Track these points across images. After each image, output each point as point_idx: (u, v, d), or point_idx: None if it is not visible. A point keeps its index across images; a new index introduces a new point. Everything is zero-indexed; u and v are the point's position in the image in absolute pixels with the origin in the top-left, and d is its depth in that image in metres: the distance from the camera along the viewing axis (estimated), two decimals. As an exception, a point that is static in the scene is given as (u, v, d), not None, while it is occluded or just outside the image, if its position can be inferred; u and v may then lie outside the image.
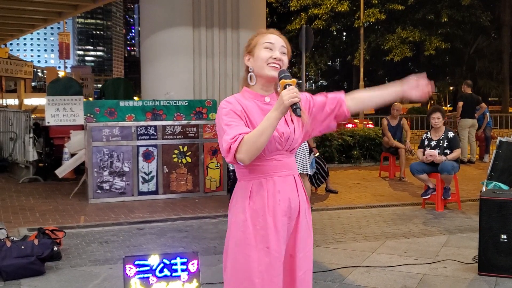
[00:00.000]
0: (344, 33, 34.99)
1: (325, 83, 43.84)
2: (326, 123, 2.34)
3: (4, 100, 29.26)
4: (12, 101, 32.52)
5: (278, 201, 2.20)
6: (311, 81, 45.37)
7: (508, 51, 29.05)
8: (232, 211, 2.28)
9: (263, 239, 2.17)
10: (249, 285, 2.17)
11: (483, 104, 12.32)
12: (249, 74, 2.27)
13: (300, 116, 2.07)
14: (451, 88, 35.17)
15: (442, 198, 6.96)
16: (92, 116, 7.84)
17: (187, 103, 8.25)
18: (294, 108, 2.05)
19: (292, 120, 2.24)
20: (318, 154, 7.61)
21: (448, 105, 36.22)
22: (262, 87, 2.26)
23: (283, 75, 2.13)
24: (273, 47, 2.22)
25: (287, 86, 2.07)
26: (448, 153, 6.95)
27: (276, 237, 2.18)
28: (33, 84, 50.50)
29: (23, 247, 4.40)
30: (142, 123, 7.79)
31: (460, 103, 11.90)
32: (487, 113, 12.54)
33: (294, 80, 2.12)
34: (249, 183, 2.21)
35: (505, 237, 4.28)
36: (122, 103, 8.01)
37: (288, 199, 2.22)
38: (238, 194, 2.26)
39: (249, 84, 2.28)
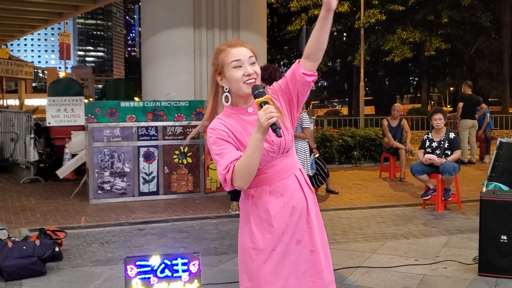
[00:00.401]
0: (345, 34, 35.01)
1: (325, 83, 43.83)
2: (296, 95, 2.25)
3: (4, 100, 29.31)
4: (13, 102, 32.55)
5: (283, 204, 2.21)
6: (312, 82, 45.37)
7: (509, 52, 29.04)
8: (241, 215, 2.32)
9: (270, 242, 2.20)
10: (256, 282, 2.21)
11: (484, 105, 12.33)
12: (224, 95, 2.24)
13: (280, 136, 2.04)
14: (452, 88, 35.20)
15: (443, 199, 6.97)
16: (93, 116, 7.86)
17: (187, 104, 8.26)
18: (274, 128, 2.01)
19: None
20: (318, 155, 7.62)
21: (449, 106, 36.27)
22: (242, 100, 2.25)
23: (256, 92, 2.08)
24: (241, 63, 2.18)
25: (263, 105, 2.02)
26: (449, 154, 6.96)
27: (281, 239, 2.20)
28: (33, 84, 50.53)
29: (24, 247, 4.41)
30: (143, 123, 7.81)
31: (460, 104, 11.91)
32: (487, 114, 12.55)
33: (268, 96, 2.06)
34: (250, 190, 2.23)
35: (505, 238, 4.29)
36: (123, 104, 8.02)
37: (292, 200, 2.23)
38: (243, 204, 2.30)
39: (224, 104, 2.25)
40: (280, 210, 2.21)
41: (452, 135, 7.04)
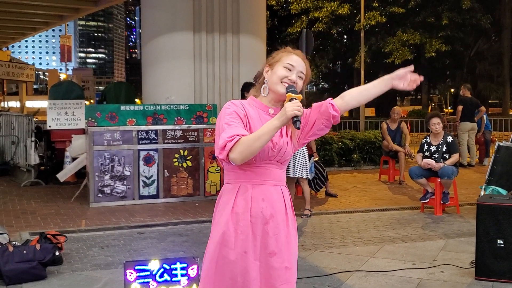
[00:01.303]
0: (345, 36, 35.05)
1: (326, 85, 43.85)
2: (314, 131, 2.33)
3: (5, 102, 29.36)
4: (14, 104, 32.59)
5: (262, 208, 2.24)
6: (312, 84, 45.44)
7: (509, 54, 29.07)
8: (216, 211, 2.33)
9: (242, 243, 2.21)
10: (223, 287, 2.21)
11: (483, 108, 12.37)
12: (263, 86, 2.33)
13: (298, 128, 2.15)
14: (452, 90, 35.21)
15: (441, 202, 7.01)
16: (93, 120, 7.90)
17: (187, 108, 8.30)
18: (295, 120, 2.13)
19: (286, 134, 2.29)
20: (317, 159, 7.66)
21: (449, 107, 36.28)
22: (271, 100, 2.33)
23: (291, 89, 2.21)
24: (292, 69, 2.28)
25: (292, 100, 2.15)
26: (447, 157, 7.00)
27: (253, 243, 2.22)
28: (34, 86, 50.61)
29: (25, 252, 4.45)
30: (143, 127, 7.85)
31: (460, 107, 11.95)
32: (485, 116, 12.59)
33: (300, 96, 2.18)
34: (235, 186, 2.26)
35: (502, 242, 4.33)
36: (123, 108, 8.07)
37: (271, 208, 2.25)
38: (224, 196, 2.31)
39: (261, 94, 2.34)
40: (257, 213, 2.23)
41: (450, 138, 7.08)
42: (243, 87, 6.95)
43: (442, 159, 7.01)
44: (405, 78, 2.31)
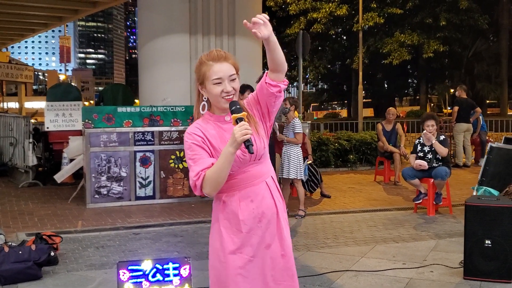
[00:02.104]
0: (343, 37, 35.10)
1: (325, 86, 43.92)
2: (270, 110, 2.36)
3: (4, 103, 29.42)
4: (13, 104, 32.66)
5: (252, 210, 2.32)
6: (311, 84, 45.50)
7: (507, 54, 29.15)
8: (212, 220, 2.43)
9: (237, 245, 2.31)
10: None
11: (478, 109, 12.45)
12: (202, 103, 2.36)
13: (252, 153, 2.15)
14: (452, 90, 35.26)
15: (434, 203, 7.08)
16: (90, 122, 7.97)
17: (183, 109, 8.37)
18: (247, 145, 2.12)
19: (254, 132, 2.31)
20: (311, 161, 7.73)
21: (449, 108, 36.33)
22: (220, 111, 2.35)
23: (233, 107, 2.19)
24: (221, 81, 2.27)
25: (238, 121, 2.13)
26: (440, 158, 7.07)
27: (249, 242, 2.31)
28: (34, 87, 50.64)
29: (20, 252, 4.52)
30: (139, 129, 7.92)
31: (456, 108, 12.03)
32: (480, 117, 12.67)
33: (245, 113, 2.17)
34: (222, 195, 2.34)
35: (489, 243, 4.40)
36: (120, 109, 8.13)
37: (262, 206, 2.33)
38: (214, 206, 2.41)
39: (201, 112, 2.36)
40: (248, 215, 2.31)
41: (441, 137, 7.15)
42: (240, 89, 7.04)
43: (435, 160, 7.08)
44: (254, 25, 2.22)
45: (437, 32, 26.85)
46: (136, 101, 16.66)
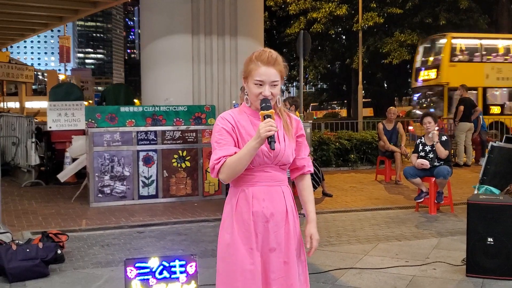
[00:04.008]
0: (343, 37, 35.13)
1: (324, 86, 43.95)
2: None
3: (5, 103, 29.43)
4: (13, 104, 32.66)
5: (262, 208, 2.37)
6: (311, 84, 45.52)
7: (506, 54, 29.21)
8: (224, 213, 2.48)
9: (247, 240, 2.36)
10: (234, 282, 2.35)
11: (478, 108, 12.52)
12: (245, 96, 2.45)
13: (273, 149, 2.25)
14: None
15: (435, 201, 7.13)
16: (93, 121, 8.02)
17: (186, 109, 8.43)
18: (269, 141, 2.22)
19: (284, 139, 2.41)
20: (312, 160, 7.78)
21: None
22: (256, 107, 2.43)
23: (263, 105, 2.29)
24: (263, 84, 2.35)
25: (266, 118, 2.23)
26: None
27: (256, 239, 2.37)
28: (33, 87, 50.65)
29: (28, 250, 4.57)
30: (142, 128, 7.96)
31: (461, 107, 12.07)
32: (481, 116, 12.73)
33: (273, 110, 2.27)
34: (237, 189, 2.40)
35: (492, 240, 4.45)
36: (123, 109, 8.19)
37: (272, 207, 2.39)
38: (228, 199, 2.47)
39: (245, 103, 2.46)
40: (257, 212, 2.36)
41: (444, 137, 7.20)
42: (289, 100, 7.36)
43: (436, 159, 7.13)
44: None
45: (437, 31, 26.88)
46: (136, 101, 16.71)
